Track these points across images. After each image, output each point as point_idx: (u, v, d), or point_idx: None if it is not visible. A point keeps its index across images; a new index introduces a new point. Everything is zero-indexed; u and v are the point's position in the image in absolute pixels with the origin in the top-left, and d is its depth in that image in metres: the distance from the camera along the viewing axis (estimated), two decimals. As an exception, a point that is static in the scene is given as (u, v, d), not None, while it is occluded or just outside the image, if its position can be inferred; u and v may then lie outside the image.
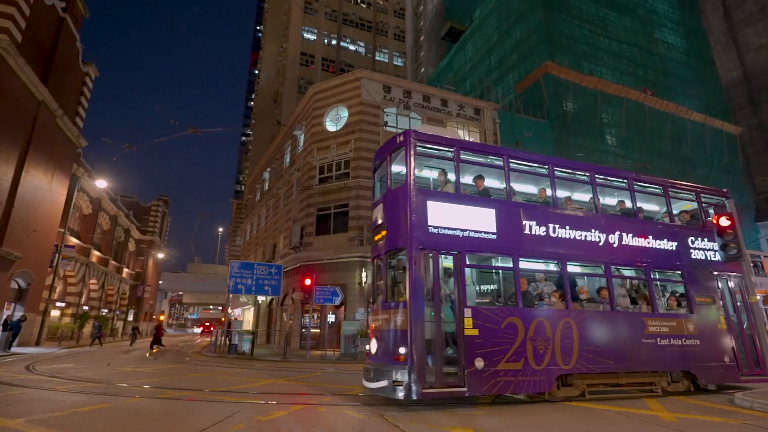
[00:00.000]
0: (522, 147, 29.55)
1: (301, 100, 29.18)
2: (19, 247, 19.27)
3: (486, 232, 7.25)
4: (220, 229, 58.45)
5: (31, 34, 18.95)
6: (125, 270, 40.99)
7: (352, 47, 43.07)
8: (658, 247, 8.60)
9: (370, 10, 45.36)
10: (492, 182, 8.31)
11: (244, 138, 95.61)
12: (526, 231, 7.55)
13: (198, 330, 63.26)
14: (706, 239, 9.12)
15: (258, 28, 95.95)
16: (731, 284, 9.05)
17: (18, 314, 20.35)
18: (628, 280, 8.82)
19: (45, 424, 4.87)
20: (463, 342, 6.43)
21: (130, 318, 42.79)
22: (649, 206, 9.89)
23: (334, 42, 42.07)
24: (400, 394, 6.03)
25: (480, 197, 7.77)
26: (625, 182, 8.99)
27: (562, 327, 7.17)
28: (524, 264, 7.62)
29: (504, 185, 7.92)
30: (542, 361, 6.85)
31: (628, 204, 8.97)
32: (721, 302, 8.69)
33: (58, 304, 27.51)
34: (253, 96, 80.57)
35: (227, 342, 19.84)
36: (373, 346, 7.01)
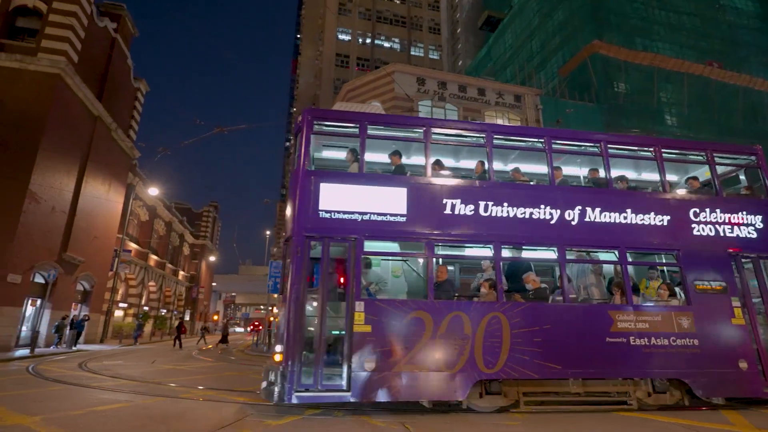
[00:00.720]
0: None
1: (335, 100, 29.27)
2: (82, 253, 20.79)
3: (393, 214, 6.38)
4: (267, 232, 60.70)
5: (86, 54, 20.34)
6: (181, 273, 43.44)
7: (386, 44, 42.76)
8: (639, 222, 7.00)
9: (404, 5, 44.80)
10: (444, 160, 7.52)
11: (287, 143, 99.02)
12: (447, 211, 6.55)
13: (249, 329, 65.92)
14: (718, 210, 7.28)
15: (298, 36, 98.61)
16: (758, 266, 7.08)
17: (83, 314, 22.07)
18: (615, 268, 7.31)
19: (57, 423, 4.89)
20: (350, 340, 5.71)
21: (187, 318, 45.29)
22: (670, 176, 8.19)
23: (368, 41, 42.00)
24: (274, 397, 5.46)
25: (385, 175, 6.92)
26: (597, 146, 7.45)
27: (487, 323, 6.07)
28: (476, 251, 6.92)
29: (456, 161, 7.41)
30: (455, 364, 5.85)
31: (602, 173, 7.44)
32: (738, 290, 6.86)
33: (120, 304, 29.58)
34: (293, 102, 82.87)
35: (268, 340, 20.23)
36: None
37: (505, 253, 6.87)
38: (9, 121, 16.71)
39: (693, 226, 7.17)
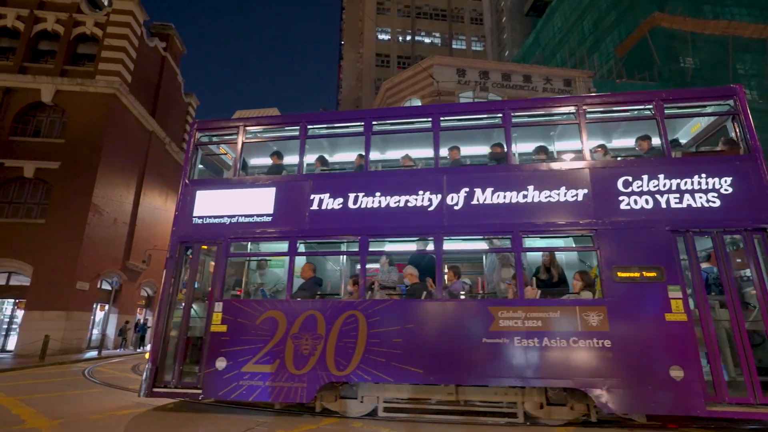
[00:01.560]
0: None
1: (375, 100, 29.03)
2: (143, 260, 22.20)
3: (259, 215, 6.48)
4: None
5: (138, 74, 21.73)
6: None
7: (427, 40, 41.97)
8: (544, 201, 5.87)
9: (444, -2, 43.75)
10: (344, 156, 7.77)
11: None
12: (314, 207, 6.39)
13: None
14: (662, 176, 5.77)
15: (342, 42, 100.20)
16: (719, 244, 5.39)
17: (148, 318, 23.61)
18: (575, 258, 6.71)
19: (74, 428, 4.84)
20: (208, 339, 5.95)
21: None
22: (624, 140, 7.06)
23: (408, 38, 41.47)
24: (140, 392, 5.95)
25: (257, 177, 7.02)
26: (498, 117, 6.49)
27: (342, 322, 5.78)
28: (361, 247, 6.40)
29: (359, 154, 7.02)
30: (305, 365, 5.68)
31: (510, 147, 6.38)
32: (681, 278, 5.32)
33: (182, 308, 31.37)
34: (338, 107, 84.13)
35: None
36: None
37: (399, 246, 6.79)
38: (73, 140, 18.16)
39: (621, 199, 5.75)
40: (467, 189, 6.10)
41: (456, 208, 6.06)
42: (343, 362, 5.64)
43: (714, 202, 5.54)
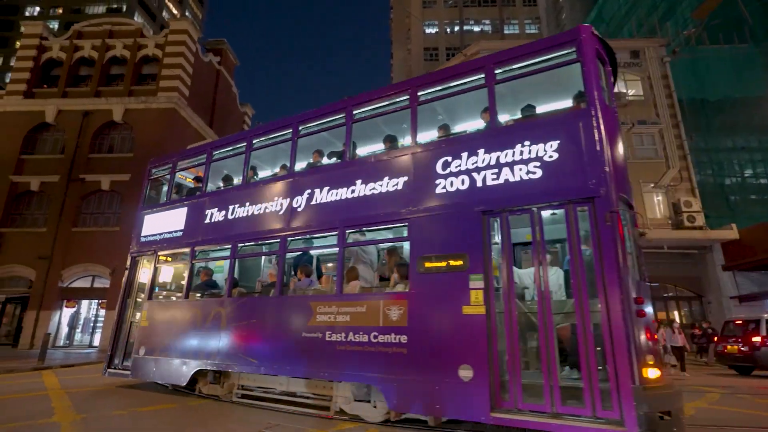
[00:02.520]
0: (712, 85, 22.15)
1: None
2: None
3: (175, 231, 7.79)
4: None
5: (195, 88, 23.19)
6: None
7: (476, 28, 40.35)
8: (368, 193, 5.67)
9: (493, -17, 41.76)
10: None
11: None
12: (207, 220, 7.34)
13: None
14: (482, 150, 4.97)
15: (391, 41, 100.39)
16: (536, 222, 4.51)
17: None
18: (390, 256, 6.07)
19: (87, 425, 4.91)
20: (138, 333, 7.58)
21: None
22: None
23: (456, 28, 40.18)
24: (103, 372, 7.87)
25: (177, 200, 8.27)
26: (341, 116, 6.34)
27: (213, 317, 6.63)
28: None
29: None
30: (186, 354, 6.74)
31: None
32: (486, 265, 4.57)
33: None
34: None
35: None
36: None
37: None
38: (141, 153, 19.70)
39: (438, 182, 5.17)
40: (309, 190, 6.27)
41: (299, 210, 6.29)
42: (212, 352, 6.41)
43: (534, 173, 4.60)
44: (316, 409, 5.64)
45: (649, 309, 4.19)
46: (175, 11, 69.63)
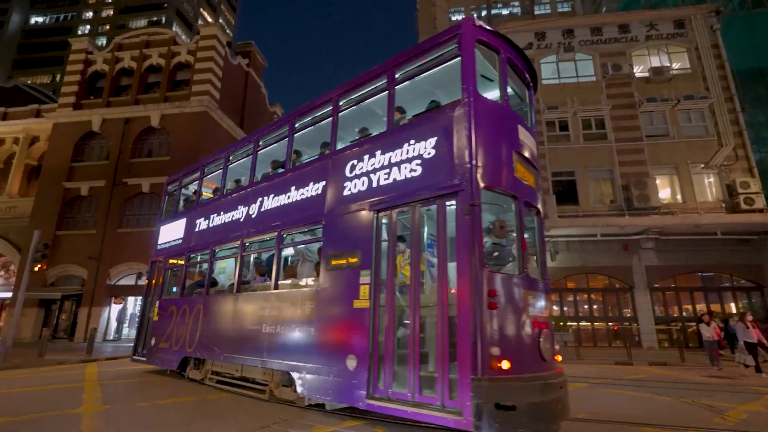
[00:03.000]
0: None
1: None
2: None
3: (178, 239, 9.05)
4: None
5: (225, 90, 23.87)
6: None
7: (504, 11, 38.88)
8: (299, 199, 6.22)
9: (523, -37, 39.98)
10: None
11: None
12: (197, 229, 8.45)
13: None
14: (378, 151, 5.27)
15: (418, 32, 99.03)
16: (415, 219, 4.70)
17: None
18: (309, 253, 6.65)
19: (108, 416, 5.11)
20: (151, 326, 9.05)
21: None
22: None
23: (483, 13, 38.85)
24: (131, 358, 9.76)
25: (182, 212, 9.50)
26: (285, 129, 6.98)
27: (195, 312, 7.66)
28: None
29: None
30: (178, 344, 7.88)
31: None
32: (369, 262, 4.92)
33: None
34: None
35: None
36: None
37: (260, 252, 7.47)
38: (177, 156, 20.58)
39: (345, 185, 5.53)
40: (261, 199, 6.92)
41: (253, 216, 7.00)
42: (193, 342, 7.48)
43: (416, 170, 4.81)
44: (262, 393, 6.21)
45: (541, 303, 4.50)
46: (209, 18, 72.22)
